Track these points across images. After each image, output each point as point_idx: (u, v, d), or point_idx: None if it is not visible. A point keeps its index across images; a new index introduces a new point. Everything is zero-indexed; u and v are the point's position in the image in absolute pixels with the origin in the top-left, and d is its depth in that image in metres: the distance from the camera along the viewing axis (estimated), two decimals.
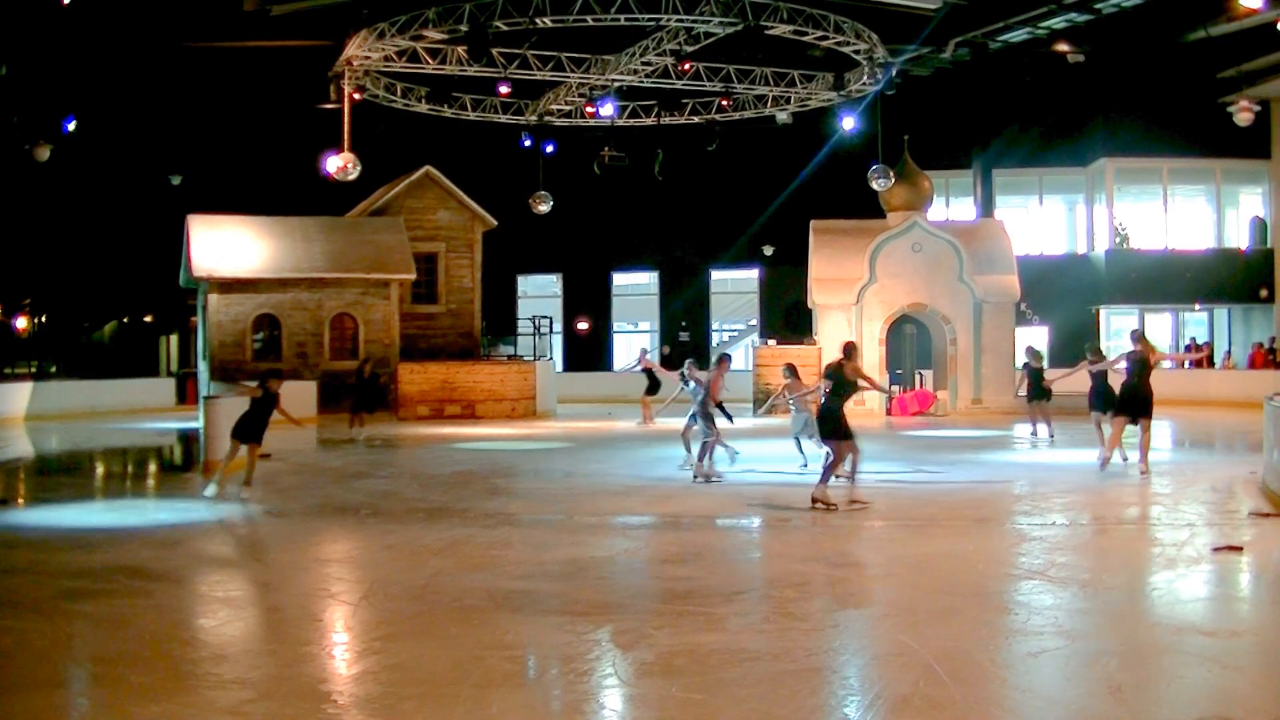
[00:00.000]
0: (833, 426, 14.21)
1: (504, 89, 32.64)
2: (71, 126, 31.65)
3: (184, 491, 17.32)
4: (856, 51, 29.11)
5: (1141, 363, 17.13)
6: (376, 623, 8.84)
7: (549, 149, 35.73)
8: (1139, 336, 17.65)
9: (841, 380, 14.24)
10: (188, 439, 25.64)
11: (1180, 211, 43.11)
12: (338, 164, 28.46)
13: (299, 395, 29.24)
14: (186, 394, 36.48)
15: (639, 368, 29.32)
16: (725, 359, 18.25)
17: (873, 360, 31.96)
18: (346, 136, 28.72)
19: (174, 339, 46.36)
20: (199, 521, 13.84)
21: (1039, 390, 23.53)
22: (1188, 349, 39.81)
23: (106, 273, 44.32)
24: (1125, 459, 18.26)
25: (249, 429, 15.86)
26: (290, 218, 33.83)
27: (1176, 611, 9.10)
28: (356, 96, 29.84)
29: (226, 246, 32.24)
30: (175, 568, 11.05)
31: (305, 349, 32.24)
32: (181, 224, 33.14)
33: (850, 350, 14.46)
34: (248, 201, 34.97)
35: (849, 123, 32.46)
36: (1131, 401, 17.21)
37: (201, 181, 40.07)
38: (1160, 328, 42.67)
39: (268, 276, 32.08)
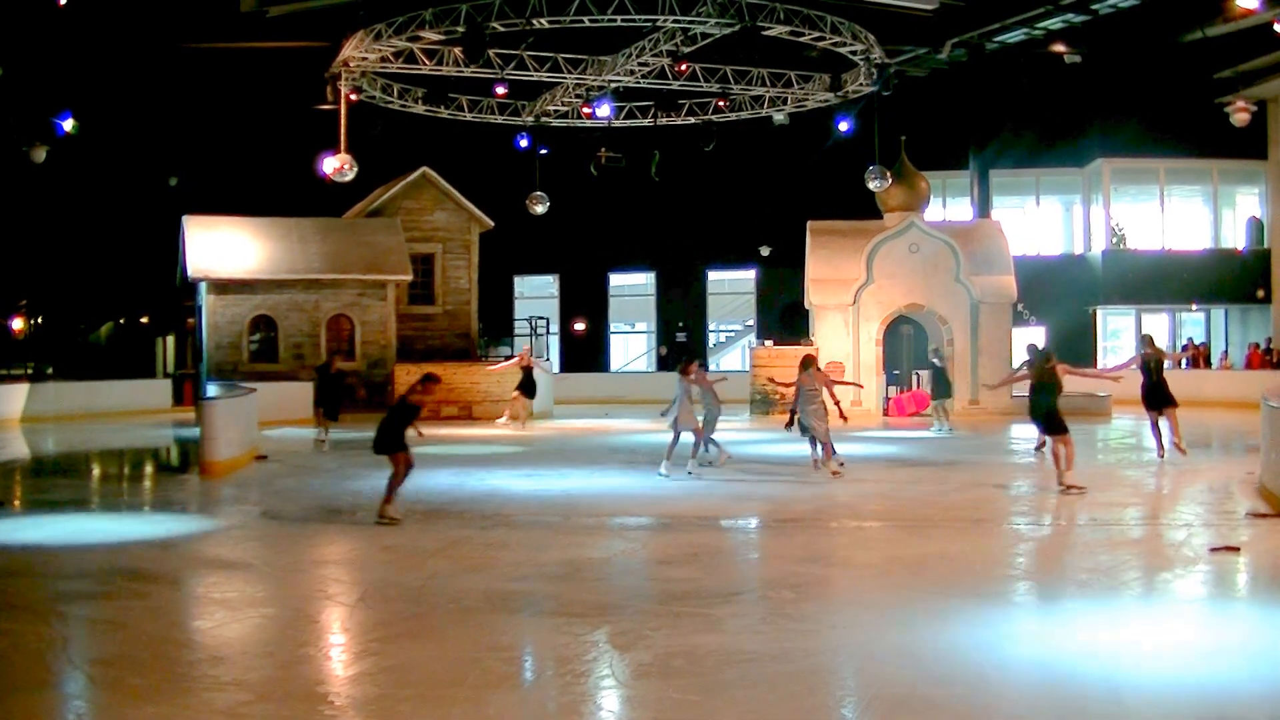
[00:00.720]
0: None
1: (500, 90, 32.68)
2: (68, 126, 31.56)
3: (181, 494, 17.31)
4: (853, 52, 29.13)
5: (1159, 362, 19.31)
6: (373, 624, 8.84)
7: (545, 150, 35.74)
8: (1150, 340, 19.64)
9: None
10: (185, 441, 25.62)
11: (1177, 212, 43.14)
12: (334, 165, 28.46)
13: (296, 397, 29.30)
14: (184, 395, 36.43)
15: (515, 364, 28.74)
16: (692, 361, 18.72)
17: (869, 361, 31.99)
18: (343, 137, 28.72)
19: (170, 340, 46.31)
20: (196, 524, 13.83)
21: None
22: (1184, 349, 39.88)
23: (103, 274, 44.29)
24: (1163, 453, 19.38)
25: (383, 440, 14.05)
26: (287, 219, 33.82)
27: (1175, 612, 9.11)
28: (353, 97, 29.84)
29: (223, 247, 32.23)
30: (172, 570, 11.04)
31: (302, 350, 32.22)
32: (178, 225, 33.13)
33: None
34: (244, 202, 34.95)
35: (846, 124, 32.49)
36: (1158, 396, 19.31)
37: (198, 182, 40.04)
38: (1157, 328, 42.59)
39: (264, 277, 32.07)
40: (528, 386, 28.03)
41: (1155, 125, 40.70)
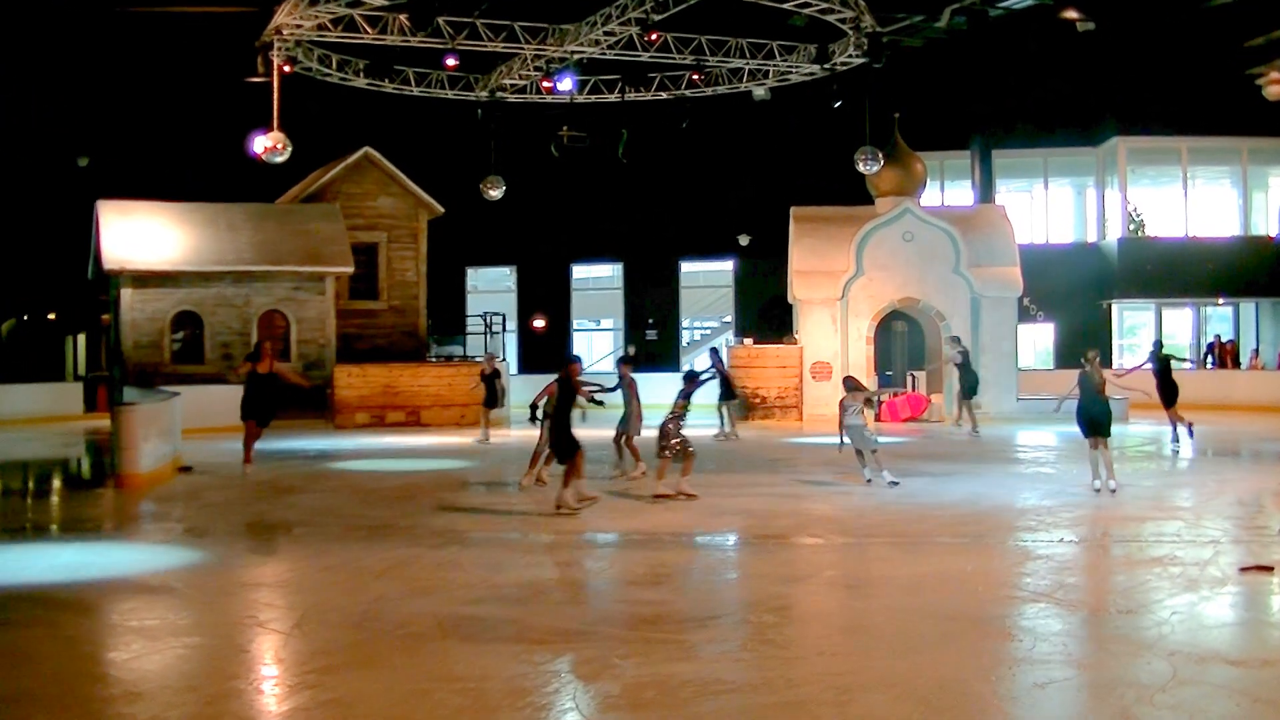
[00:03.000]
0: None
1: (451, 62, 32.53)
2: None
3: (95, 510, 17.19)
4: (841, 20, 29.15)
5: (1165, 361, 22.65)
6: (311, 654, 8.80)
7: (501, 128, 35.63)
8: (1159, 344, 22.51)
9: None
10: (98, 451, 25.46)
11: (1202, 196, 43.37)
12: (266, 144, 28.29)
13: (223, 402, 29.11)
14: (97, 401, 36.19)
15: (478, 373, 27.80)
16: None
17: (860, 361, 32.05)
18: (276, 114, 28.55)
19: (82, 339, 45.98)
20: (111, 543, 13.74)
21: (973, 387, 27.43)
22: (1210, 347, 40.02)
23: (3, 265, 43.92)
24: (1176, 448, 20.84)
25: (561, 445, 15.32)
26: (213, 204, 33.65)
27: (1199, 638, 9.12)
28: (287, 69, 29.66)
29: (141, 236, 32.03)
30: (84, 595, 10.97)
31: (230, 350, 32.05)
32: (90, 211, 32.91)
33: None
34: (165, 186, 34.76)
35: (834, 99, 32.54)
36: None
37: (113, 164, 39.79)
38: (1180, 324, 42.93)
39: (188, 269, 31.89)
40: (491, 396, 27.02)
41: (1177, 99, 40.74)
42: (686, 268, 46.90)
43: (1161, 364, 23.24)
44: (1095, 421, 17.07)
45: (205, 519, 15.59)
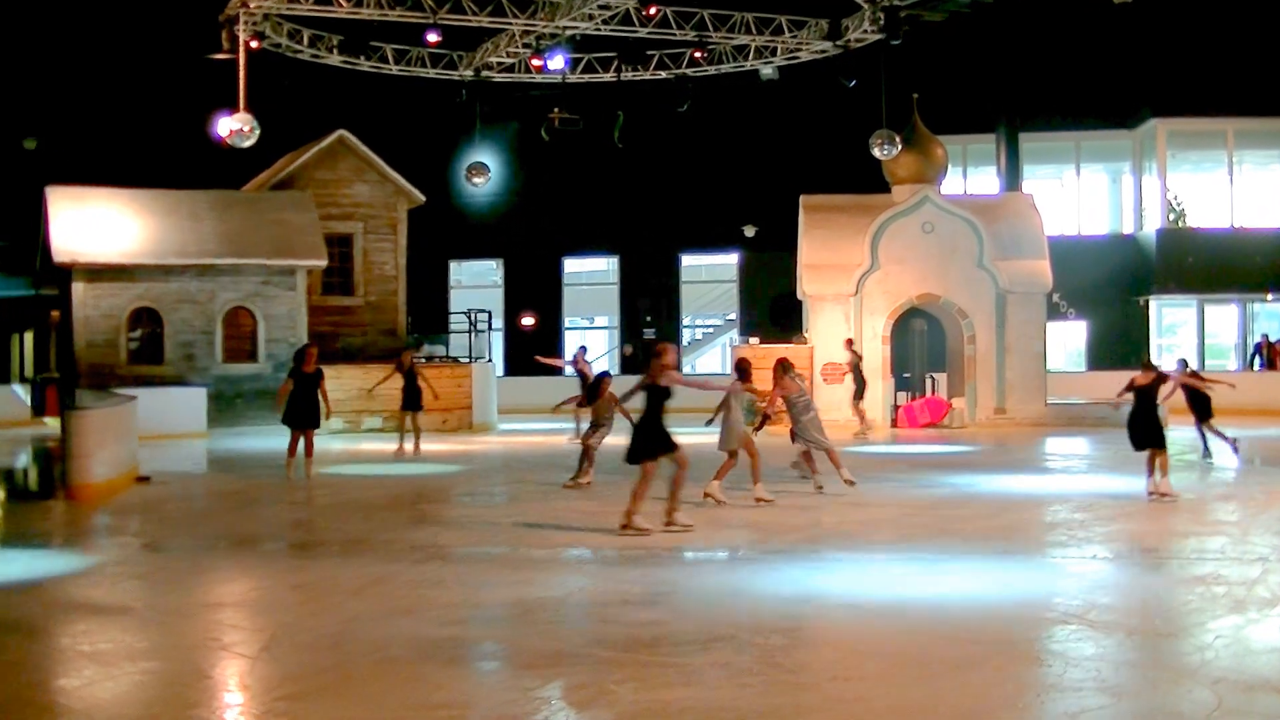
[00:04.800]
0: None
1: (433, 38, 32.48)
2: None
3: (43, 523, 17.16)
4: None
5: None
6: (280, 679, 8.77)
7: (487, 110, 35.64)
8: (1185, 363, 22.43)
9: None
10: (48, 458, 25.43)
11: (1249, 182, 43.37)
12: (232, 126, 28.27)
13: (185, 405, 29.13)
14: (46, 404, 36.16)
15: (391, 371, 26.91)
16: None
17: (875, 362, 32.04)
18: (242, 94, 28.54)
19: (29, 338, 45.94)
20: (61, 560, 13.72)
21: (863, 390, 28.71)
22: (1257, 348, 39.92)
23: None
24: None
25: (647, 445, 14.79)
26: (175, 191, 33.59)
27: (1246, 664, 9.09)
28: (254, 45, 29.67)
29: (96, 225, 31.97)
30: (31, 617, 10.95)
31: (193, 350, 32.03)
32: (39, 198, 32.86)
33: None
34: (122, 171, 34.71)
35: (847, 79, 32.53)
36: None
37: (64, 146, 39.76)
38: (1224, 322, 42.87)
39: (147, 262, 31.84)
40: (409, 398, 25.61)
41: (1222, 77, 40.71)
42: (687, 261, 46.94)
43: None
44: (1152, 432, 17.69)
45: (164, 533, 15.57)
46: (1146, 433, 17.50)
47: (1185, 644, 9.64)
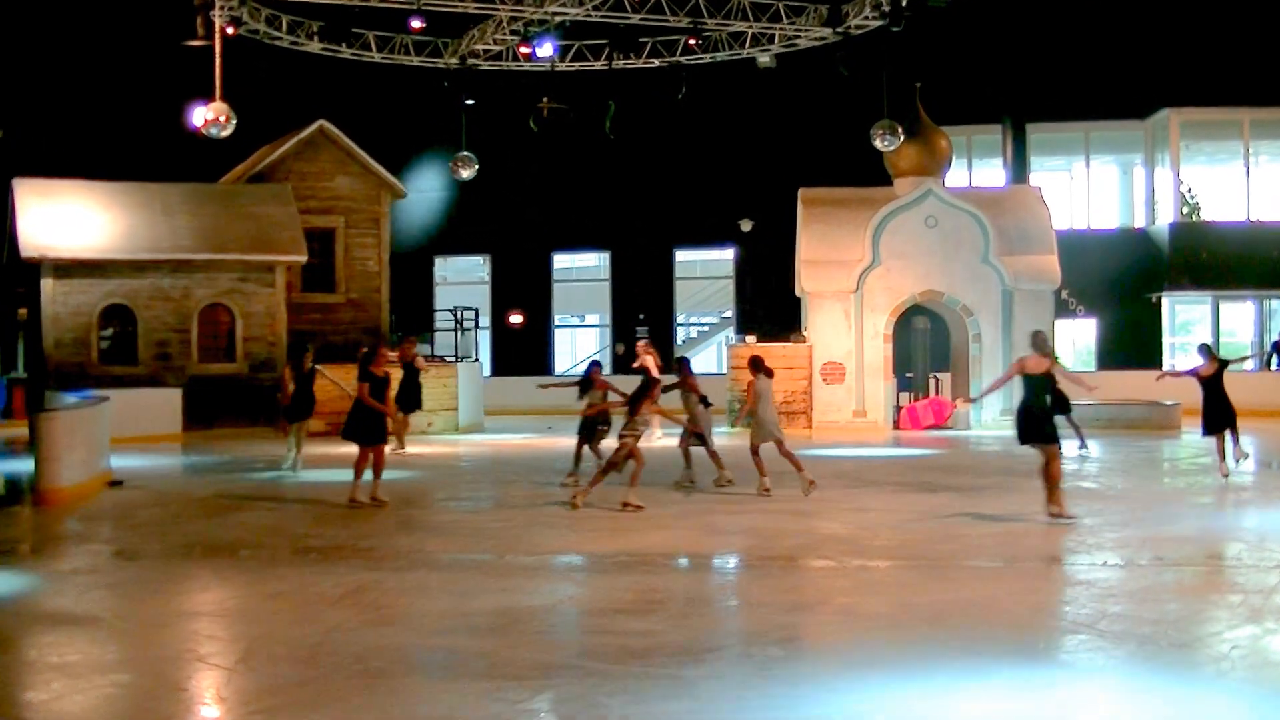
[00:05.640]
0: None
1: (417, 24, 32.46)
2: None
3: (10, 530, 17.13)
4: None
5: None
6: (257, 692, 8.76)
7: (472, 100, 35.58)
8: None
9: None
10: (15, 463, 25.37)
11: (1266, 174, 43.40)
12: (207, 116, 28.21)
13: (159, 406, 29.07)
14: (13, 406, 36.11)
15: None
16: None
17: (876, 361, 32.05)
18: (218, 82, 28.50)
19: None
20: (28, 568, 13.69)
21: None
22: (1274, 347, 39.86)
23: None
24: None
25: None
26: (148, 184, 33.58)
27: (1264, 677, 9.12)
28: (230, 32, 29.61)
29: (65, 219, 31.95)
30: None
31: (168, 349, 32.01)
32: (5, 191, 32.83)
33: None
34: (93, 163, 34.66)
35: (847, 67, 32.50)
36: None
37: (31, 137, 39.69)
38: (1240, 320, 42.85)
39: (119, 258, 31.82)
40: (300, 406, 23.69)
41: (1238, 66, 40.70)
42: (681, 257, 46.90)
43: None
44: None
45: (137, 540, 15.54)
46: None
47: (1200, 655, 9.65)
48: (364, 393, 18.20)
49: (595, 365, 20.78)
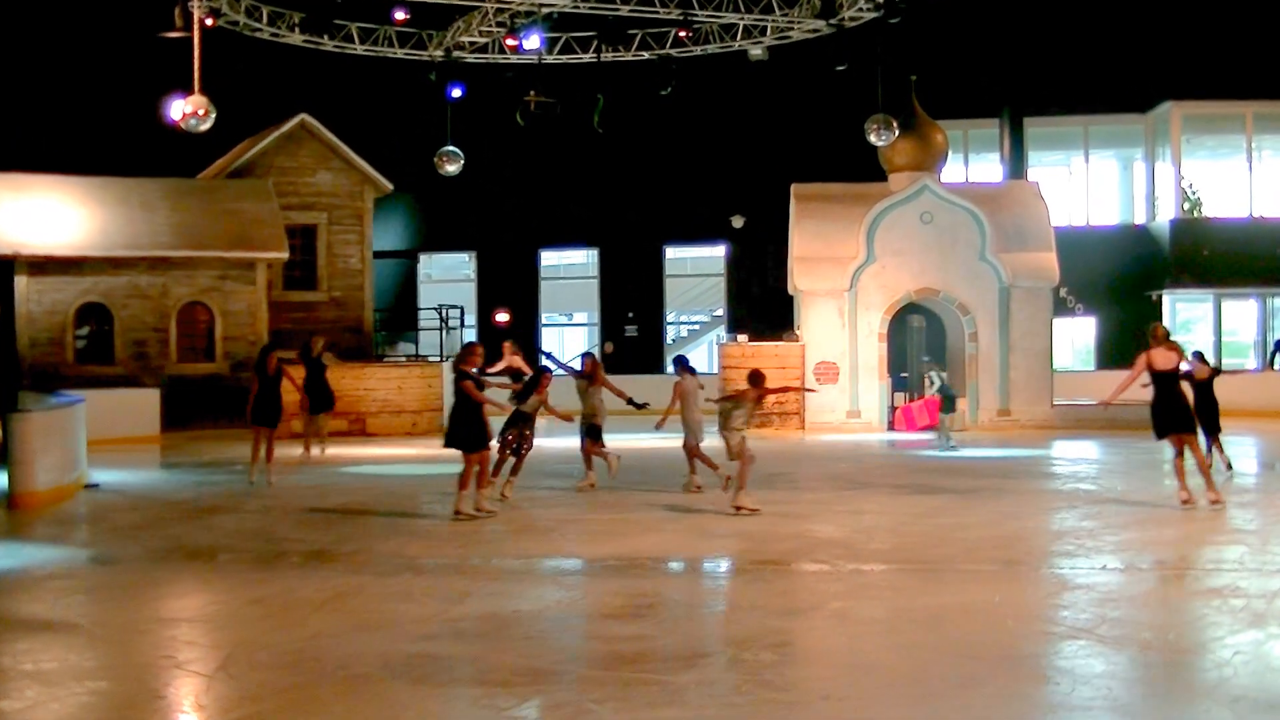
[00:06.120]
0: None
1: (401, 15, 32.47)
2: None
3: None
4: None
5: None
6: (238, 699, 8.75)
7: (458, 93, 35.56)
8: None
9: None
10: None
11: (1269, 169, 43.40)
12: (186, 110, 28.15)
13: (136, 408, 29.01)
14: None
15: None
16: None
17: (870, 360, 32.10)
18: (197, 75, 28.46)
19: None
20: (1, 573, 13.66)
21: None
22: (1277, 347, 39.88)
23: None
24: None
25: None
26: (125, 179, 33.56)
27: (1267, 683, 9.12)
28: (209, 23, 29.58)
29: (40, 215, 31.93)
30: None
31: (146, 348, 31.99)
32: None
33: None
34: (68, 157, 34.63)
35: (841, 60, 32.51)
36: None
37: (4, 130, 39.62)
38: (1242, 318, 42.89)
39: (95, 255, 31.79)
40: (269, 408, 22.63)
41: (1241, 58, 40.70)
42: (671, 254, 46.88)
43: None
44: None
45: (114, 544, 15.52)
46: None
47: (1202, 661, 9.67)
48: (471, 390, 17.03)
49: (547, 371, 20.56)
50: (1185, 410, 17.32)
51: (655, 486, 19.87)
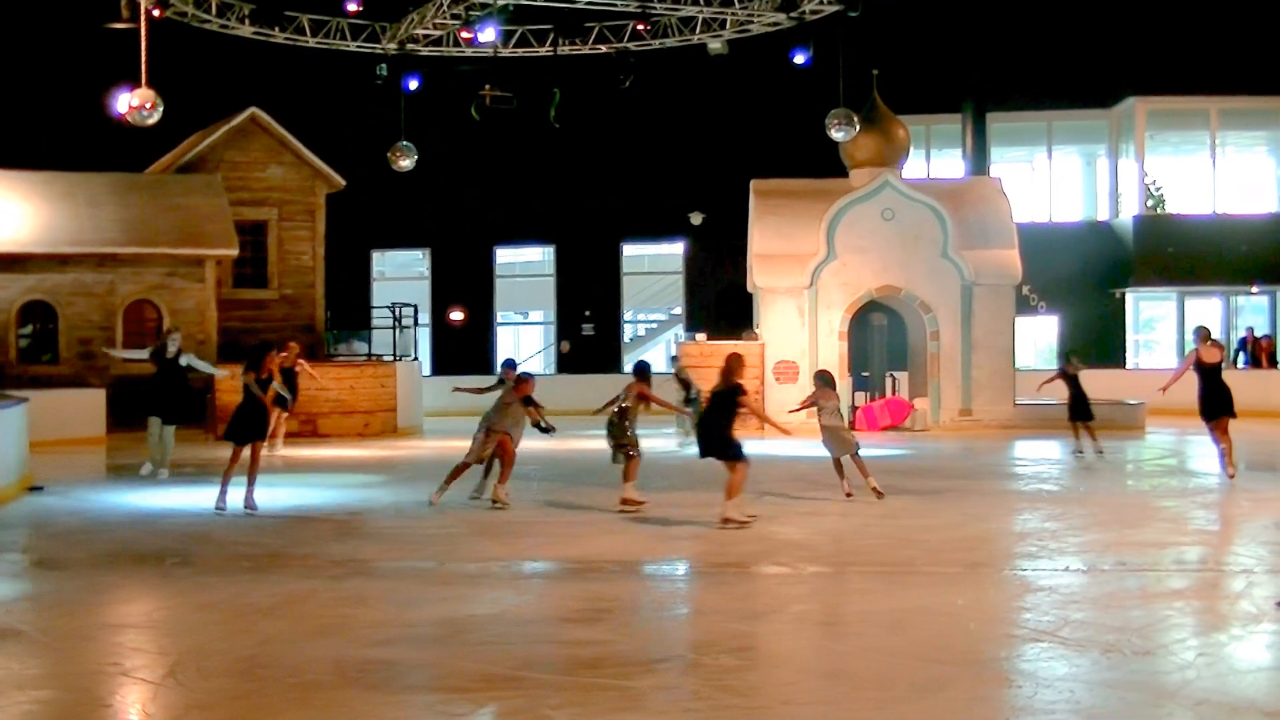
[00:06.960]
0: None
1: (353, 7, 32.36)
2: None
3: None
4: None
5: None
6: (186, 707, 8.71)
7: (413, 86, 35.46)
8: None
9: None
10: None
11: (1233, 166, 43.68)
12: (133, 103, 28.01)
13: (81, 408, 28.86)
14: None
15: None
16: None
17: (831, 359, 32.15)
18: (144, 67, 28.33)
19: None
20: None
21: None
22: (1241, 343, 40.13)
23: None
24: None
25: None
26: (70, 174, 33.38)
27: (1230, 685, 9.18)
28: (157, 14, 29.42)
29: None
30: None
31: (91, 347, 31.80)
32: None
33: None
34: (10, 151, 34.42)
35: (800, 54, 32.56)
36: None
37: None
38: (1207, 316, 43.13)
39: (39, 251, 31.62)
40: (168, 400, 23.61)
41: (1205, 54, 40.90)
42: (629, 251, 46.89)
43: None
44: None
45: (58, 548, 15.42)
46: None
47: (1164, 663, 9.71)
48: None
49: (513, 365, 20.38)
50: (1228, 397, 20.37)
51: (607, 487, 19.86)
